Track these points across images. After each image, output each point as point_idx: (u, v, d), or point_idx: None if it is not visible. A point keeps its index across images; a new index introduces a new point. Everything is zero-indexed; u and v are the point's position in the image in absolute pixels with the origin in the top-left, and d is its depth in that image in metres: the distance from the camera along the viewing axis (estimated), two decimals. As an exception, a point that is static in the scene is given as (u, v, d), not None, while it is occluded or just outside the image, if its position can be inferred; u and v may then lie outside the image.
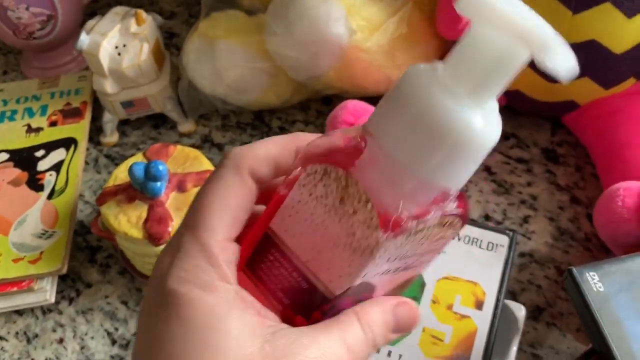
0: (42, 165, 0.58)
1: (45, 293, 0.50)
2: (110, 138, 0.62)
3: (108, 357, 0.48)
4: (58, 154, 0.60)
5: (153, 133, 0.63)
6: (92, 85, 0.60)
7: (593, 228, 0.46)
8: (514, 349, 0.40)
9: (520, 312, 0.41)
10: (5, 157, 0.60)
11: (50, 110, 0.64)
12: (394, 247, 0.22)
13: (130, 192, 0.47)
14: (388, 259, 0.22)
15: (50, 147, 0.60)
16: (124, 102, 0.59)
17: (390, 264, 0.23)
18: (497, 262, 0.42)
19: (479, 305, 0.40)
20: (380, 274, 0.23)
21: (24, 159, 0.59)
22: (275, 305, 0.23)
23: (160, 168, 0.45)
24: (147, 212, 0.46)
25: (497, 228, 0.44)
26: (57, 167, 0.58)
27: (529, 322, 0.45)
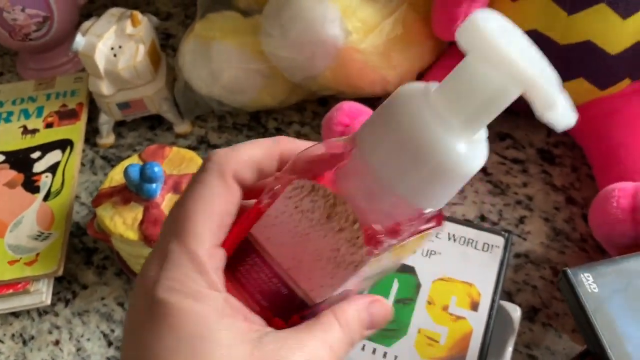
0: (38, 167, 0.58)
1: (41, 295, 0.50)
2: (107, 139, 0.62)
3: (104, 358, 0.47)
4: (54, 156, 0.59)
5: (149, 134, 0.63)
6: (88, 87, 0.61)
7: (588, 229, 0.46)
8: (510, 350, 0.40)
9: (516, 312, 0.41)
10: (1, 158, 0.60)
11: (46, 112, 0.64)
12: (376, 261, 0.23)
13: (126, 193, 0.47)
14: (368, 269, 0.23)
15: (46, 148, 0.60)
16: (120, 103, 0.59)
17: (369, 272, 0.24)
18: (492, 263, 0.42)
19: (475, 306, 0.40)
20: (359, 281, 0.24)
21: (20, 161, 0.59)
22: (253, 307, 0.24)
23: (156, 170, 0.45)
24: (142, 213, 0.46)
25: (492, 229, 0.44)
26: (53, 168, 0.58)
27: (525, 322, 0.45)
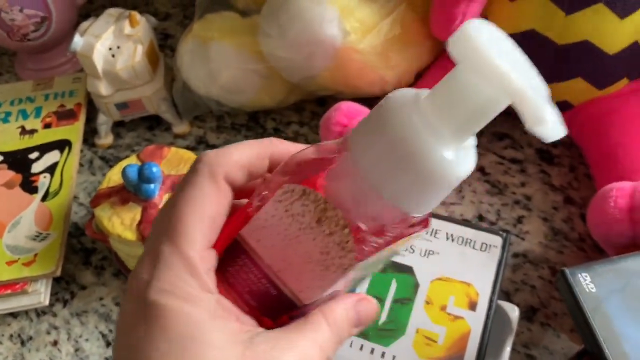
0: (36, 167, 0.58)
1: (40, 295, 0.50)
2: (105, 140, 0.62)
3: (102, 359, 0.47)
4: (52, 156, 0.59)
5: (148, 134, 0.63)
6: (86, 87, 0.61)
7: (587, 228, 0.46)
8: (508, 350, 0.40)
9: (514, 312, 0.41)
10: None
11: (45, 112, 0.64)
12: (364, 264, 0.23)
13: (124, 194, 0.47)
14: (356, 271, 0.24)
15: (45, 149, 0.60)
16: (118, 103, 0.59)
17: (357, 273, 0.24)
18: (490, 262, 0.42)
19: (473, 306, 0.40)
20: (347, 281, 0.24)
21: (18, 161, 0.59)
22: (242, 307, 0.24)
23: (154, 170, 0.45)
24: (140, 214, 0.46)
25: (490, 229, 0.44)
26: (51, 169, 0.58)
27: (523, 322, 0.45)
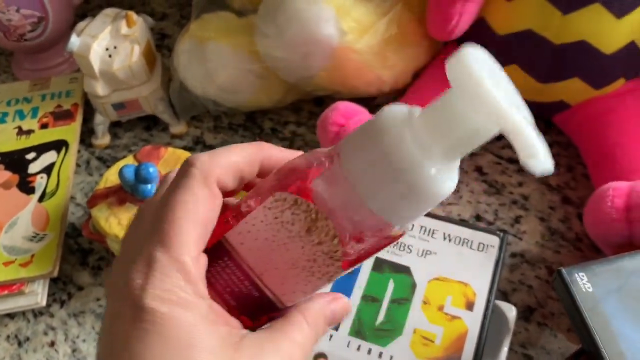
0: (33, 168, 0.58)
1: (37, 296, 0.50)
2: (102, 140, 0.62)
3: None
4: (49, 157, 0.59)
5: (145, 135, 0.63)
6: (83, 87, 0.60)
7: (584, 228, 0.46)
8: (505, 350, 0.40)
9: (511, 312, 0.41)
10: (-4, 159, 0.60)
11: (41, 113, 0.64)
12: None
13: (121, 194, 0.47)
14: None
15: (41, 149, 0.60)
16: (115, 104, 0.59)
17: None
18: (487, 262, 0.42)
19: (470, 306, 0.40)
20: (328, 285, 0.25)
21: (15, 162, 0.59)
22: (222, 305, 0.25)
23: (151, 170, 0.45)
24: (138, 214, 0.46)
25: (487, 229, 0.44)
26: (48, 169, 0.58)
27: (520, 322, 0.45)
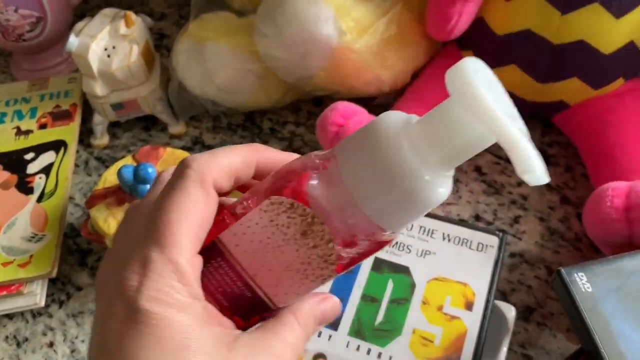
0: (31, 168, 0.58)
1: (35, 297, 0.50)
2: (101, 140, 0.62)
3: (98, 360, 0.47)
4: (48, 157, 0.59)
5: (143, 135, 0.63)
6: (81, 87, 0.60)
7: (583, 228, 0.46)
8: (504, 350, 0.40)
9: (511, 312, 0.41)
10: (-5, 160, 0.60)
11: (40, 113, 0.64)
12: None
13: (120, 194, 0.47)
14: None
15: (40, 149, 0.60)
16: (114, 104, 0.59)
17: None
18: (487, 262, 0.42)
19: (469, 306, 0.40)
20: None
21: (13, 162, 0.59)
22: (214, 305, 0.25)
23: (150, 171, 0.45)
24: (136, 214, 0.46)
25: (486, 229, 0.44)
26: (46, 169, 0.58)
27: (520, 322, 0.45)
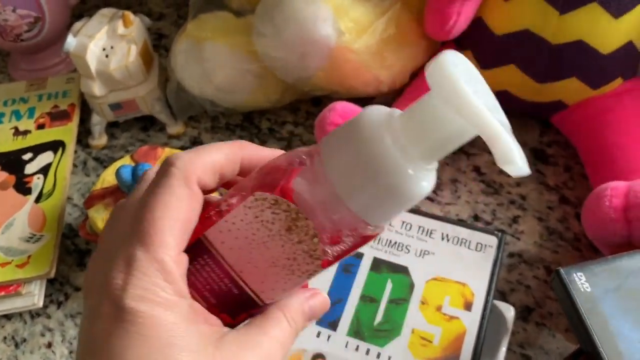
0: (29, 169, 0.58)
1: (33, 297, 0.50)
2: (99, 140, 0.62)
3: (97, 361, 0.47)
4: (46, 157, 0.59)
5: (142, 135, 0.63)
6: (79, 88, 0.60)
7: (582, 228, 0.46)
8: (503, 350, 0.40)
9: (509, 312, 0.41)
10: (-7, 160, 0.59)
11: (38, 113, 0.64)
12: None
13: (118, 195, 0.47)
14: None
15: (38, 150, 0.60)
16: (112, 104, 0.59)
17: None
18: (485, 262, 0.42)
19: (468, 306, 0.40)
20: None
21: (11, 162, 0.59)
22: (201, 303, 0.25)
23: (148, 171, 0.45)
24: (135, 215, 0.46)
25: (485, 229, 0.44)
26: (44, 170, 0.58)
27: (518, 322, 0.45)
